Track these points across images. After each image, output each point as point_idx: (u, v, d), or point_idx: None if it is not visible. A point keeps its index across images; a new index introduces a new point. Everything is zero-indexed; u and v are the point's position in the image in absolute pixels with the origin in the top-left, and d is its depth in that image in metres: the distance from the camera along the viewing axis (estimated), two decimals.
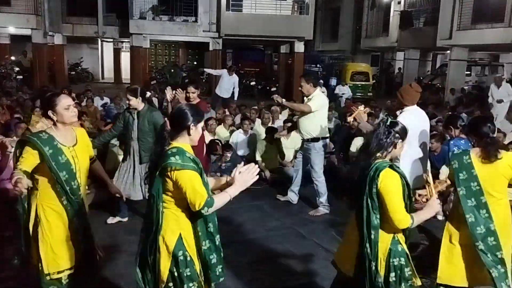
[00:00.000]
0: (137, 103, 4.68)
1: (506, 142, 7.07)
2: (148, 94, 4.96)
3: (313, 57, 22.39)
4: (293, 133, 7.56)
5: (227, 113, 9.32)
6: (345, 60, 24.04)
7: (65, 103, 2.79)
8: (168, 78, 18.26)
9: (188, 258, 2.40)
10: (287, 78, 18.94)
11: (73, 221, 2.83)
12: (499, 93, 10.66)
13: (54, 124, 2.82)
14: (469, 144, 3.55)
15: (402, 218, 2.49)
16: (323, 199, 5.53)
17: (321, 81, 16.61)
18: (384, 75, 24.64)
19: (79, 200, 2.86)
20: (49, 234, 2.77)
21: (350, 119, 4.57)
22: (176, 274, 2.37)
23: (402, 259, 2.60)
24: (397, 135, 2.64)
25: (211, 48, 17.46)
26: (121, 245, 4.38)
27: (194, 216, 2.40)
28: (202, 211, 2.28)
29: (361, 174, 2.62)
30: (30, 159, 2.68)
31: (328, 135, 5.65)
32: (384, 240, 2.58)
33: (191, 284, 2.38)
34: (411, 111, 4.41)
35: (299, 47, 17.63)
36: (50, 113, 2.79)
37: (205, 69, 13.63)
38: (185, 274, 2.37)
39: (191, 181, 2.29)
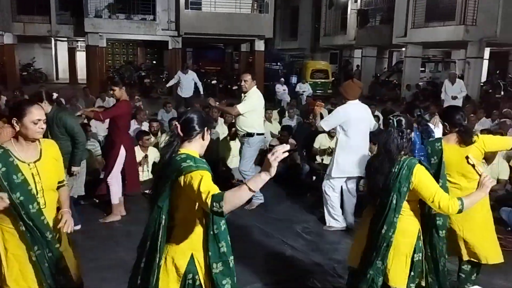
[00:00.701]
0: (44, 107, 4.45)
1: None
2: (55, 95, 4.60)
3: (274, 56, 22.47)
4: None
5: None
6: (305, 58, 24.33)
7: (35, 116, 2.43)
8: (126, 78, 17.85)
9: (197, 283, 2.17)
10: None
11: (35, 252, 2.42)
12: (452, 89, 10.93)
13: (15, 136, 2.47)
14: (417, 133, 3.80)
15: (450, 204, 2.54)
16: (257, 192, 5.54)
17: (282, 79, 16.74)
18: (343, 72, 25.10)
19: (42, 226, 2.44)
20: (5, 264, 2.42)
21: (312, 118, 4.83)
22: None
23: (420, 254, 2.77)
24: (408, 130, 2.73)
25: (170, 47, 17.18)
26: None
27: (205, 230, 2.17)
28: (214, 209, 1.89)
29: (382, 175, 2.69)
30: None
31: (263, 131, 5.70)
32: (410, 235, 2.73)
33: None
34: (352, 105, 4.85)
35: (260, 45, 17.66)
36: (14, 121, 2.43)
37: (167, 85, 13.41)
38: None
39: (201, 178, 1.99)
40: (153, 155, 6.28)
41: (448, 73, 12.79)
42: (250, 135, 5.44)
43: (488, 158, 6.20)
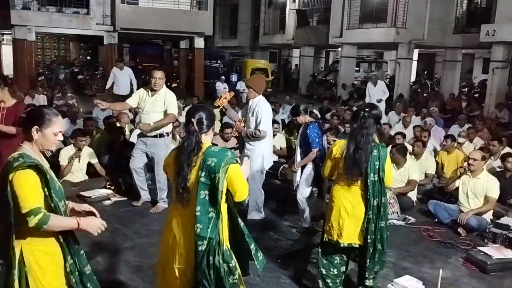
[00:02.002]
0: None
1: (392, 133, 7.75)
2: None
3: (214, 53, 22.38)
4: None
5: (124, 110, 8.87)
6: (245, 56, 24.44)
7: (58, 128, 2.27)
8: (58, 74, 16.96)
9: (229, 252, 2.47)
10: (188, 74, 18.71)
11: (69, 262, 2.27)
12: (375, 90, 11.17)
13: (27, 142, 2.24)
14: (316, 125, 4.86)
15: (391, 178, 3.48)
16: (164, 195, 5.43)
17: (223, 77, 16.73)
18: (282, 71, 25.52)
19: (73, 235, 2.31)
20: (45, 285, 2.19)
21: (217, 103, 5.04)
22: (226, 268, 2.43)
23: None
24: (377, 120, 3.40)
25: (105, 42, 16.54)
26: None
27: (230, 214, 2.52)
28: (246, 200, 2.49)
29: (363, 165, 3.21)
30: (37, 190, 2.10)
31: (170, 130, 5.58)
32: None
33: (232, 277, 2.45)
34: (264, 100, 5.07)
35: (199, 42, 17.49)
36: (34, 129, 2.20)
37: (106, 87, 12.42)
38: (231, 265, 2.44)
39: (239, 172, 2.44)
40: (88, 155, 6.03)
41: (370, 75, 13.23)
42: (162, 135, 5.27)
43: (417, 154, 6.60)
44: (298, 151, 4.99)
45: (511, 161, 5.81)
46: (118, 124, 7.37)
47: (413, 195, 5.91)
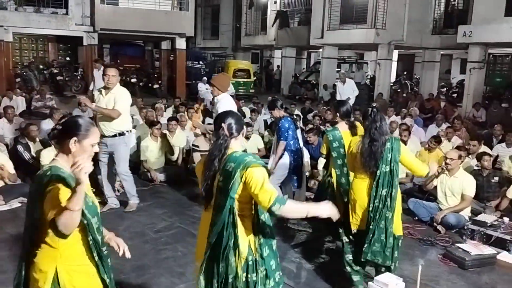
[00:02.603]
0: None
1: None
2: None
3: (196, 54, 22.29)
4: (178, 130, 7.49)
5: None
6: (227, 57, 24.43)
7: (96, 139, 2.18)
8: (36, 75, 16.64)
9: (254, 263, 2.38)
10: (170, 74, 18.61)
11: (105, 281, 2.20)
12: (344, 89, 11.21)
13: (62, 154, 2.14)
14: (289, 119, 5.14)
15: (424, 167, 3.65)
16: (134, 191, 5.44)
17: (205, 78, 16.67)
18: (264, 72, 25.59)
19: (106, 252, 2.24)
20: None
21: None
22: (244, 279, 2.35)
23: None
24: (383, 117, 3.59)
25: (85, 43, 16.31)
26: None
27: (256, 220, 2.43)
28: (273, 208, 2.24)
29: (379, 156, 3.43)
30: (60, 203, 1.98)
31: (131, 127, 5.50)
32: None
33: None
34: (227, 98, 5.21)
35: (181, 43, 17.40)
36: (73, 141, 2.09)
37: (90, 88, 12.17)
38: (252, 279, 2.35)
39: (264, 177, 2.30)
40: None
41: (339, 73, 13.28)
42: (122, 134, 5.19)
43: None
44: (274, 144, 5.28)
45: (487, 160, 5.95)
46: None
47: None
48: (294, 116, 5.77)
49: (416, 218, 5.52)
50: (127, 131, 5.24)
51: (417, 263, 3.92)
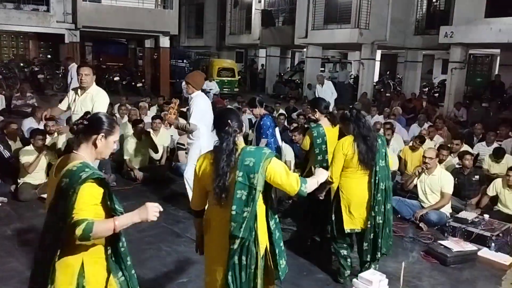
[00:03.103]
0: None
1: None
2: None
3: (180, 53, 22.17)
4: (162, 129, 7.44)
5: None
6: (211, 56, 24.34)
7: (117, 136, 2.26)
8: (17, 73, 16.33)
9: (270, 249, 2.53)
10: (154, 73, 18.45)
11: (120, 279, 2.18)
12: (323, 91, 11.07)
13: (85, 149, 2.17)
14: (270, 117, 5.31)
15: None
16: None
17: None
18: (248, 71, 25.57)
19: (126, 248, 2.25)
20: None
21: (168, 120, 5.30)
22: (263, 266, 2.47)
23: None
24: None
25: (67, 41, 16.06)
26: None
27: (270, 206, 2.55)
28: (302, 189, 2.43)
29: (375, 150, 3.60)
30: (93, 203, 2.01)
31: None
32: None
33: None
34: (201, 96, 5.19)
35: (165, 42, 17.27)
36: (100, 138, 2.15)
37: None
38: (268, 263, 2.53)
39: (283, 165, 2.46)
40: (49, 156, 5.85)
41: (316, 75, 13.18)
42: None
43: None
44: (254, 141, 5.31)
45: (468, 158, 6.05)
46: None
47: None
48: (275, 114, 5.84)
49: (399, 216, 5.57)
50: None
51: (400, 260, 3.97)
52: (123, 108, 8.36)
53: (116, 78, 17.68)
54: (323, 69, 20.43)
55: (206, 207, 2.65)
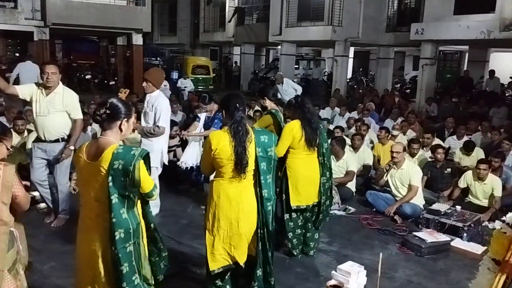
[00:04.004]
0: None
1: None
2: None
3: (153, 50, 21.92)
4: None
5: None
6: (185, 53, 24.14)
7: (134, 116, 2.54)
8: None
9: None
10: (126, 71, 18.16)
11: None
12: (284, 90, 10.80)
13: (110, 133, 2.44)
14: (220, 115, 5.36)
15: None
16: (66, 206, 4.83)
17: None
18: (223, 68, 25.48)
19: None
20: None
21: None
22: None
23: None
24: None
25: (36, 38, 15.61)
26: None
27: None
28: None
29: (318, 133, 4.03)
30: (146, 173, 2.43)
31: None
32: None
33: None
34: (163, 95, 4.97)
35: (137, 39, 17.00)
36: (124, 121, 2.44)
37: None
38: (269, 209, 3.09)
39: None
40: (18, 155, 5.65)
41: (276, 75, 13.03)
42: (65, 139, 4.61)
43: (356, 147, 6.87)
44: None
45: (440, 152, 6.21)
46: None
47: (352, 186, 6.15)
48: (250, 112, 6.04)
49: (374, 209, 5.68)
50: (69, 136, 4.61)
51: (377, 252, 4.03)
52: (94, 107, 8.14)
53: (88, 77, 17.33)
54: (297, 66, 20.56)
55: (214, 183, 2.98)
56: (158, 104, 4.79)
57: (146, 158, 2.39)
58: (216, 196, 2.92)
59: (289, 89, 10.84)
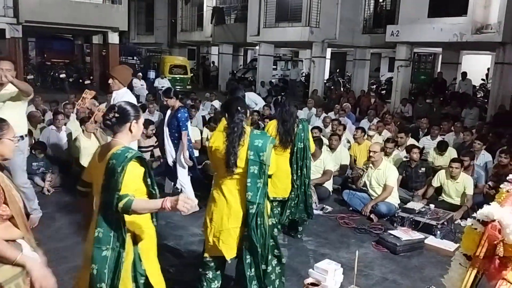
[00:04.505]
0: None
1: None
2: None
3: (130, 49, 21.63)
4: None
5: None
6: (162, 53, 23.93)
7: (142, 116, 2.56)
8: None
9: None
10: (102, 70, 17.88)
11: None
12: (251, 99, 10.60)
13: (121, 136, 2.46)
14: (186, 110, 5.54)
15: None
16: (34, 205, 4.71)
17: (140, 74, 16.23)
18: (201, 68, 25.37)
19: None
20: (154, 267, 2.52)
21: (79, 105, 5.08)
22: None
23: None
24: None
25: (8, 36, 15.20)
26: None
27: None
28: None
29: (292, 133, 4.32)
30: (136, 179, 2.33)
31: (26, 132, 4.81)
32: None
33: None
34: (130, 93, 4.85)
35: (113, 38, 16.77)
36: (134, 123, 2.45)
37: None
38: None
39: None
40: None
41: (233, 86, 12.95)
42: (19, 138, 4.40)
43: (333, 147, 6.94)
44: (166, 132, 5.35)
45: (416, 152, 6.34)
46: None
47: (329, 185, 6.21)
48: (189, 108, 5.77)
49: (351, 208, 5.76)
50: (21, 137, 4.32)
51: (353, 250, 4.09)
52: (69, 107, 7.99)
53: (62, 76, 16.99)
54: (275, 67, 20.64)
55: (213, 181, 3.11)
56: (124, 99, 4.62)
57: (145, 164, 2.37)
58: (213, 191, 3.10)
59: (249, 101, 10.79)
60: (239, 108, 2.95)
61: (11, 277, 2.10)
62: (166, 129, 5.37)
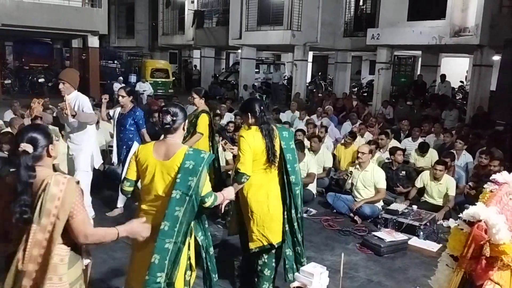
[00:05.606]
0: None
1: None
2: None
3: (110, 53, 21.38)
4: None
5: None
6: (144, 56, 23.72)
7: None
8: None
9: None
10: (82, 74, 17.59)
11: (201, 238, 2.88)
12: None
13: (177, 136, 2.76)
14: (140, 108, 5.46)
15: None
16: None
17: (121, 78, 16.04)
18: (183, 72, 25.22)
19: None
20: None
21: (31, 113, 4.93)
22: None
23: None
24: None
25: None
26: None
27: None
28: None
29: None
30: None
31: None
32: None
33: None
34: (82, 95, 4.77)
35: (93, 41, 16.53)
36: (186, 123, 2.77)
37: None
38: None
39: None
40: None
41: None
42: None
43: (315, 150, 6.95)
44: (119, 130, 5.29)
45: (400, 154, 6.40)
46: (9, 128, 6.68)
47: (313, 188, 6.22)
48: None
49: (335, 210, 5.76)
50: None
51: (338, 253, 4.08)
52: (48, 111, 7.83)
53: (41, 80, 16.70)
54: (257, 70, 20.65)
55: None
56: (78, 101, 4.64)
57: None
58: (248, 186, 3.31)
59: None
60: (261, 108, 3.33)
61: (76, 279, 2.21)
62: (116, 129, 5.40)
